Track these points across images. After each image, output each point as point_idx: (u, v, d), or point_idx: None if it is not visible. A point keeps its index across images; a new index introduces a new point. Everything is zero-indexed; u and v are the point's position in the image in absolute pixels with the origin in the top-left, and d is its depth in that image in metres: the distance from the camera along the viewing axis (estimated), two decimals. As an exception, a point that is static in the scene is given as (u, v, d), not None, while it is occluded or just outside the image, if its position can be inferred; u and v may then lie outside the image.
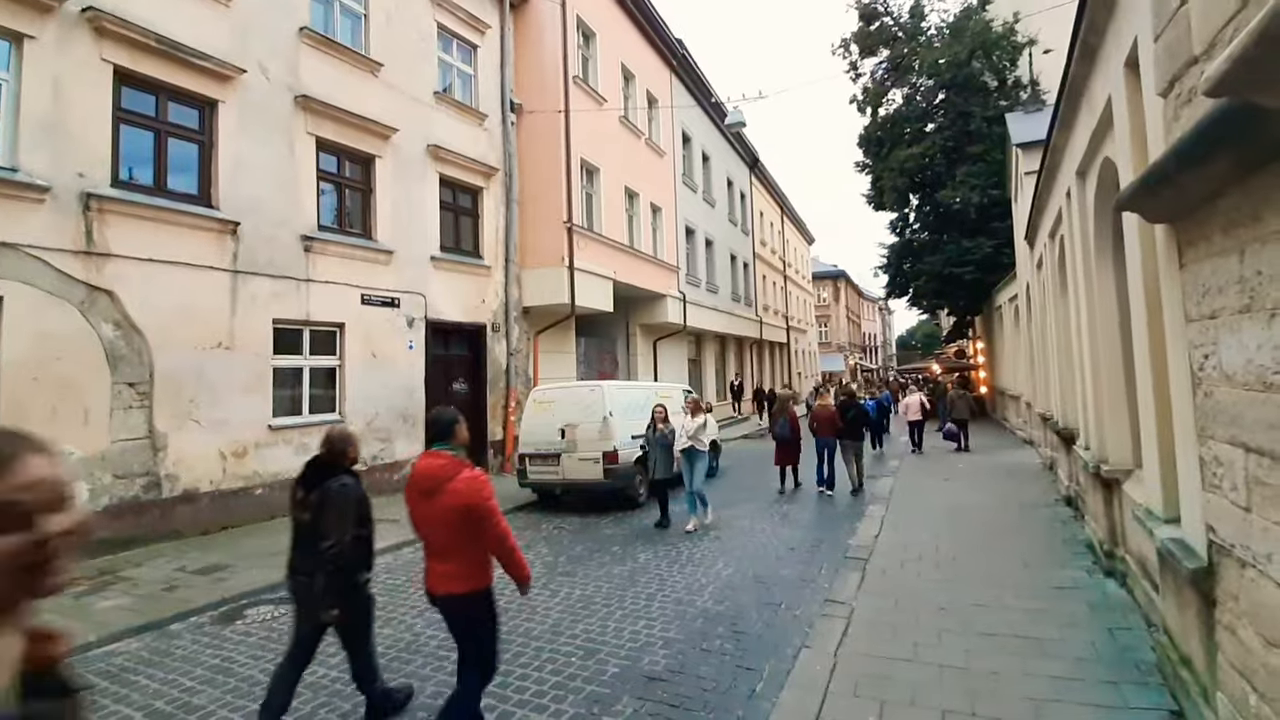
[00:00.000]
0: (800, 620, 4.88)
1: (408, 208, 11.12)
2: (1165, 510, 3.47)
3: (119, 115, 7.45)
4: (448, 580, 3.03)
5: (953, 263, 20.24)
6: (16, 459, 0.84)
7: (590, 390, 9.48)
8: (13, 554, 0.80)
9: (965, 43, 20.99)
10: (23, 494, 0.82)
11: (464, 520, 2.94)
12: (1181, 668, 3.31)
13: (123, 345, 7.21)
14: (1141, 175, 2.83)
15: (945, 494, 9.40)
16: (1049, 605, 4.86)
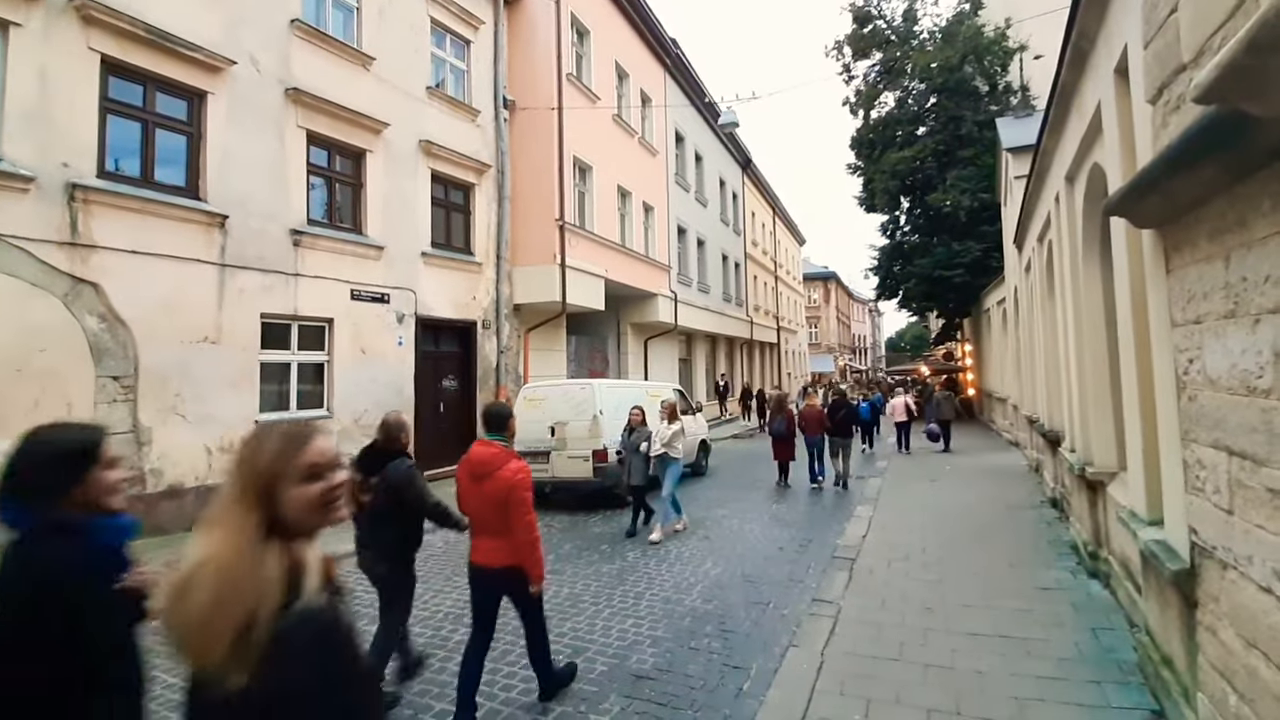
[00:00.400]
0: (788, 619, 4.90)
1: (399, 203, 11.06)
2: (1149, 512, 3.51)
3: (106, 105, 7.35)
4: (491, 553, 3.36)
5: (942, 265, 20.38)
6: (311, 438, 1.29)
7: (581, 388, 9.47)
8: (318, 496, 1.24)
9: (957, 47, 21.13)
10: (318, 458, 1.26)
11: (506, 504, 3.29)
12: (1163, 668, 3.35)
13: (107, 338, 7.12)
14: (1130, 181, 2.86)
15: (933, 495, 9.47)
16: (1034, 605, 4.91)
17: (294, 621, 1.11)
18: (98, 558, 1.53)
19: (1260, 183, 2.05)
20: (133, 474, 7.10)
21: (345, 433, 9.86)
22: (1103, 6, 3.96)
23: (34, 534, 1.51)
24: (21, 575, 1.47)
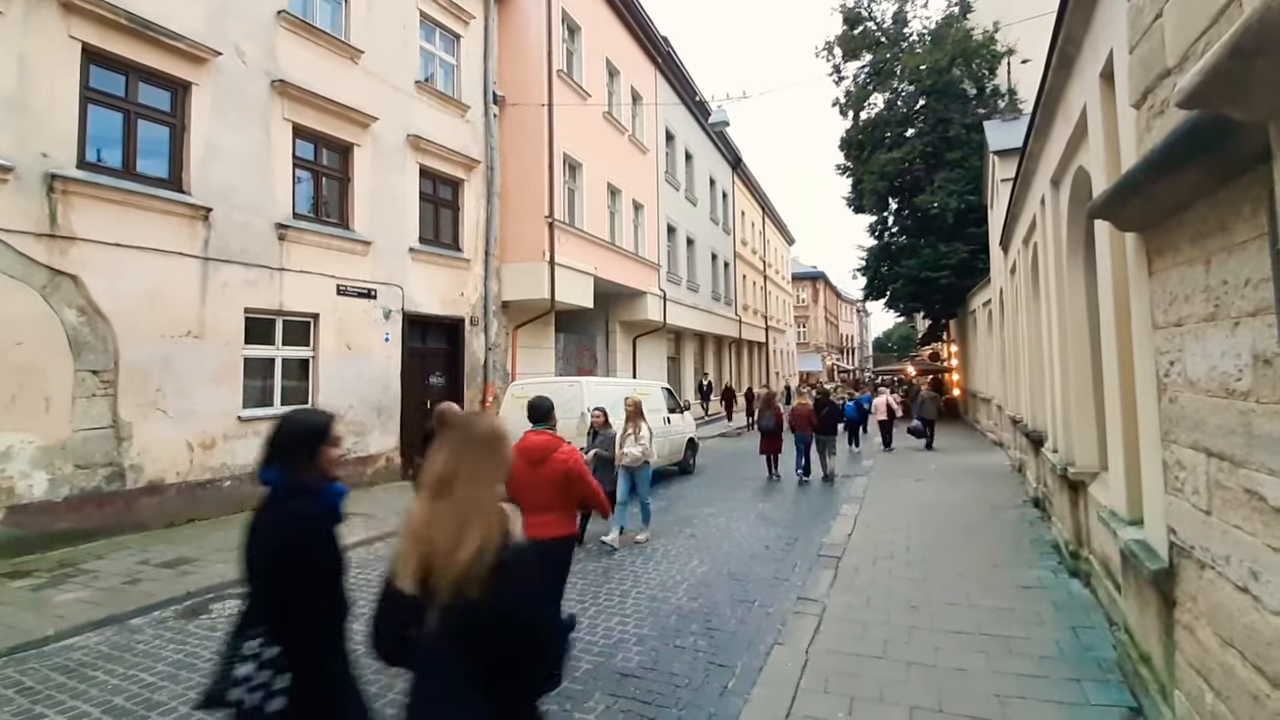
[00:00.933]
0: (773, 618, 4.92)
1: (387, 198, 10.96)
2: (1129, 512, 3.55)
3: (87, 95, 7.22)
4: (543, 527, 3.61)
5: (929, 267, 20.55)
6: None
7: (569, 386, 9.45)
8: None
9: (946, 50, 21.28)
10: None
11: (565, 482, 3.77)
12: (1141, 665, 3.40)
13: (87, 332, 7.00)
14: (1114, 184, 2.89)
15: (917, 494, 9.54)
16: (1016, 604, 4.96)
17: (512, 554, 1.57)
18: (327, 510, 2.01)
19: (1242, 188, 2.07)
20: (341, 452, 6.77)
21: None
22: (1089, 11, 4.00)
23: (284, 492, 1.99)
24: (280, 522, 1.95)
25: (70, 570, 6.05)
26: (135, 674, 4.11)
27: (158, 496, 7.61)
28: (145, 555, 6.55)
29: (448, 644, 1.53)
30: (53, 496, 6.70)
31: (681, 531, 7.71)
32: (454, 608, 1.50)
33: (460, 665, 1.53)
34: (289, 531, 1.93)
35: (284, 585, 1.89)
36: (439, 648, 1.54)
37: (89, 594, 5.43)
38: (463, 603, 1.49)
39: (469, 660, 1.53)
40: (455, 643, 1.53)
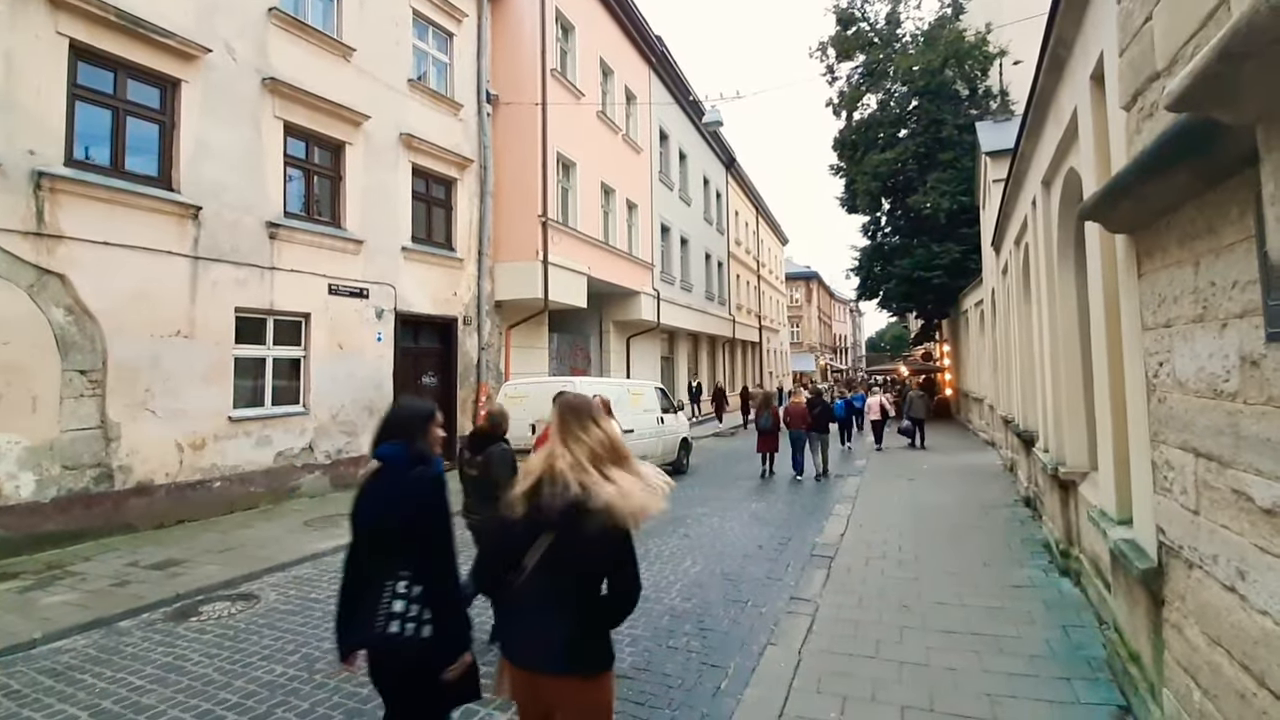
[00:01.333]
0: (766, 618, 4.92)
1: (379, 197, 10.91)
2: (1119, 512, 3.58)
3: (75, 92, 7.15)
4: None
5: (922, 267, 20.63)
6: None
7: (563, 385, 9.42)
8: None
9: (939, 51, 21.37)
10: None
11: None
12: (1130, 664, 3.42)
13: (74, 331, 6.93)
14: (1104, 186, 2.91)
15: (909, 494, 9.58)
16: (1007, 603, 4.98)
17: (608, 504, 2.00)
18: (441, 475, 2.38)
19: (1230, 190, 2.09)
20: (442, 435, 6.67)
21: (322, 429, 9.74)
22: (1080, 14, 4.02)
23: (408, 462, 2.33)
24: (413, 485, 2.30)
25: (58, 572, 5.99)
26: (123, 677, 4.07)
27: (147, 498, 7.55)
28: (134, 557, 6.50)
29: (559, 566, 2.00)
30: (40, 498, 6.63)
31: (675, 532, 7.70)
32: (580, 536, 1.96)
33: (565, 584, 2.01)
34: (424, 492, 2.32)
35: (424, 535, 2.27)
36: (549, 569, 2.01)
37: (76, 596, 5.38)
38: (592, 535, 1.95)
39: (573, 576, 2.02)
40: (567, 565, 2.00)
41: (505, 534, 2.14)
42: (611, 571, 2.04)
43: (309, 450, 9.55)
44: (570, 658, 2.00)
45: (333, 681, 3.95)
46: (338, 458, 9.96)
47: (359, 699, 3.74)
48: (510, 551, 2.09)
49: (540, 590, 2.03)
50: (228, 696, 3.79)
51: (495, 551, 2.29)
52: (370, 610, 2.21)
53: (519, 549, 2.06)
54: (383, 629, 2.17)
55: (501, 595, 2.20)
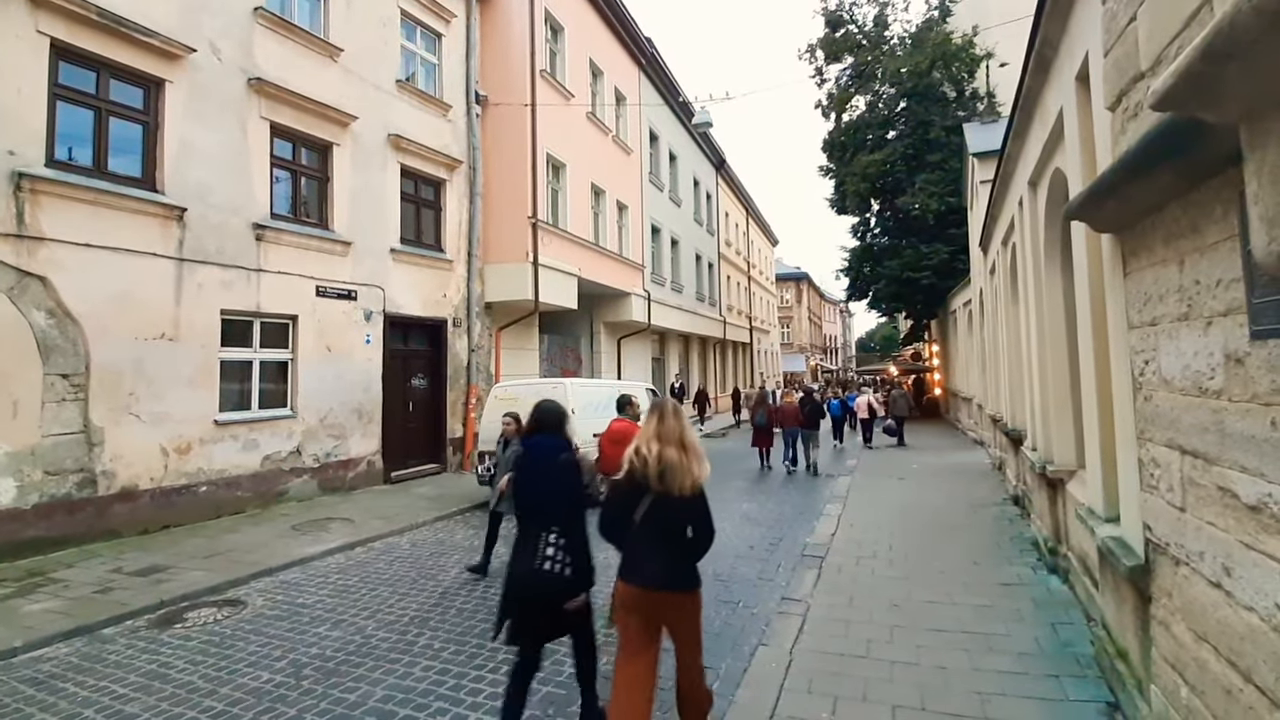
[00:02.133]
0: (758, 618, 4.92)
1: (367, 198, 10.84)
2: (1106, 509, 3.60)
3: (56, 91, 7.05)
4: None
5: (910, 267, 20.75)
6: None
7: (553, 387, 9.39)
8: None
9: (926, 53, 21.51)
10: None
11: None
12: (1118, 661, 3.45)
13: (56, 334, 6.83)
14: (1089, 186, 2.93)
15: (899, 493, 9.62)
16: (996, 601, 5.01)
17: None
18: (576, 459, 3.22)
19: (1213, 189, 2.10)
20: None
21: (310, 433, 9.65)
22: (1065, 15, 4.05)
23: (558, 448, 3.24)
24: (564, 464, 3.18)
25: (39, 579, 5.89)
26: (106, 685, 4.01)
27: (131, 503, 7.45)
28: (118, 563, 6.41)
29: (659, 518, 2.90)
30: (21, 504, 6.52)
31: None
32: (671, 498, 2.87)
33: (670, 528, 2.92)
34: (569, 471, 3.18)
35: (570, 500, 3.12)
36: (652, 520, 2.90)
37: (58, 604, 5.29)
38: (676, 496, 2.87)
39: (670, 525, 2.92)
40: (664, 517, 2.90)
41: (621, 497, 3.02)
42: (694, 520, 2.96)
43: (297, 454, 9.46)
44: (672, 580, 2.92)
45: (320, 688, 3.91)
46: (326, 461, 9.88)
47: (346, 705, 3.70)
48: (624, 509, 2.97)
49: (648, 535, 2.93)
50: (213, 705, 3.74)
51: (614, 509, 3.04)
52: (530, 553, 3.02)
53: (631, 507, 2.95)
54: (539, 566, 2.98)
55: (621, 540, 3.03)
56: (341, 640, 4.63)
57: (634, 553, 2.98)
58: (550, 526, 3.04)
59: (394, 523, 8.14)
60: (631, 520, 2.93)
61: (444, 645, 4.49)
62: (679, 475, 2.88)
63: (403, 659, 4.29)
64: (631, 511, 2.94)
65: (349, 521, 8.23)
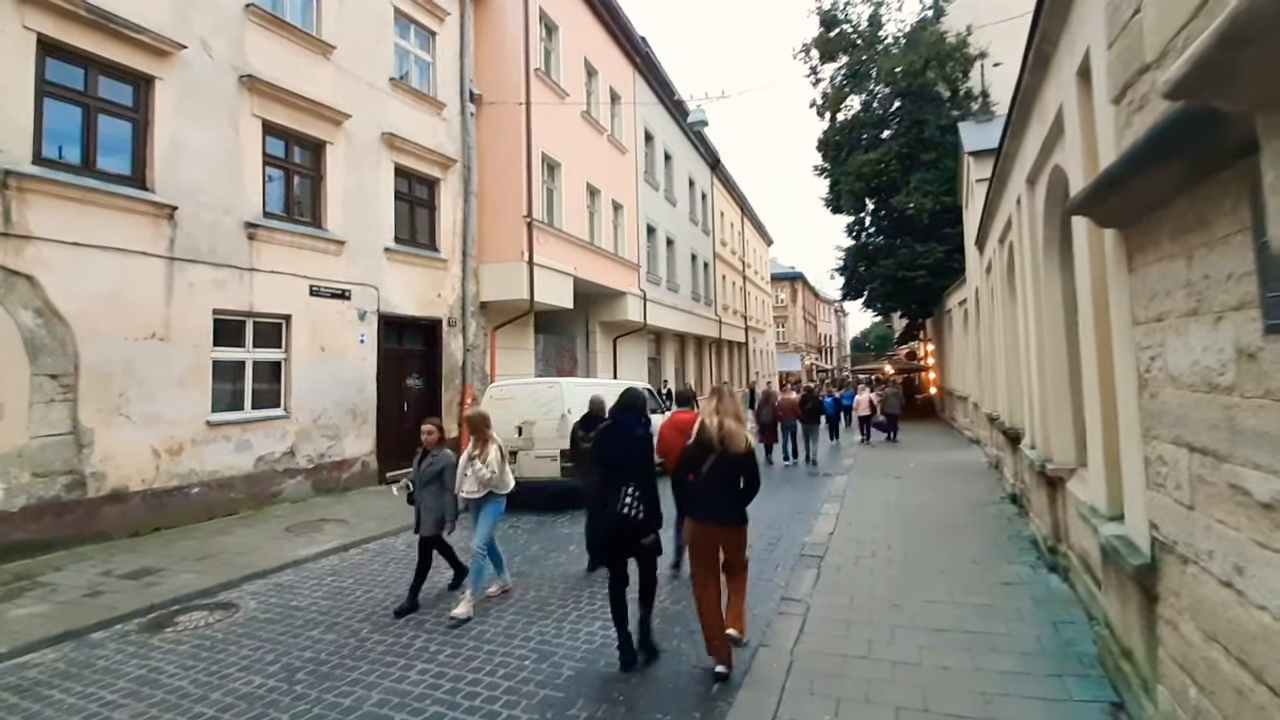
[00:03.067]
0: (757, 619, 4.86)
1: (361, 197, 10.75)
2: (1109, 508, 3.57)
3: (43, 88, 6.95)
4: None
5: (906, 266, 20.76)
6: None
7: (549, 387, 9.32)
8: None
9: (921, 53, 21.52)
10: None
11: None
12: (1123, 660, 3.41)
13: (44, 334, 6.73)
14: (1093, 181, 2.89)
15: (896, 492, 9.60)
16: (996, 600, 4.98)
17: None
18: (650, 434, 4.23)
19: (1223, 183, 2.07)
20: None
21: (304, 433, 9.56)
22: (1065, 9, 4.02)
23: (638, 424, 4.23)
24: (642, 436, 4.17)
25: (26, 583, 5.80)
26: (94, 691, 3.93)
27: (121, 505, 7.35)
28: (107, 566, 6.31)
29: (720, 471, 3.88)
30: (8, 507, 6.43)
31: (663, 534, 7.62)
32: (729, 456, 3.85)
33: (729, 480, 3.88)
34: (644, 442, 4.21)
35: (642, 464, 4.09)
36: (715, 473, 3.89)
37: (46, 608, 5.20)
38: (734, 455, 3.86)
39: (729, 476, 3.88)
40: (727, 471, 3.88)
41: (691, 455, 4.09)
42: (746, 473, 4.01)
43: (290, 455, 9.37)
44: (728, 518, 4.02)
45: (314, 692, 3.84)
46: (320, 462, 9.79)
47: (341, 710, 3.63)
48: (693, 464, 4.04)
49: (711, 484, 3.99)
50: (204, 710, 3.67)
51: (686, 464, 4.13)
52: (615, 503, 3.96)
53: (699, 463, 4.01)
54: (624, 512, 3.95)
55: (688, 488, 4.14)
56: (336, 643, 4.56)
57: (700, 499, 4.04)
58: (629, 482, 3.98)
59: (388, 524, 8.06)
60: (699, 473, 3.99)
61: (440, 647, 4.43)
62: (736, 439, 3.95)
63: (398, 662, 4.23)
64: (700, 466, 4.00)
65: (343, 523, 8.15)
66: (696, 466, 4.01)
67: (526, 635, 4.59)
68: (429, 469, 5.33)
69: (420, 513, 5.35)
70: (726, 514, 4.00)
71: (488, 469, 5.28)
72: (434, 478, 5.31)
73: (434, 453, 5.41)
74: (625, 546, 4.13)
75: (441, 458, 5.38)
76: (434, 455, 5.40)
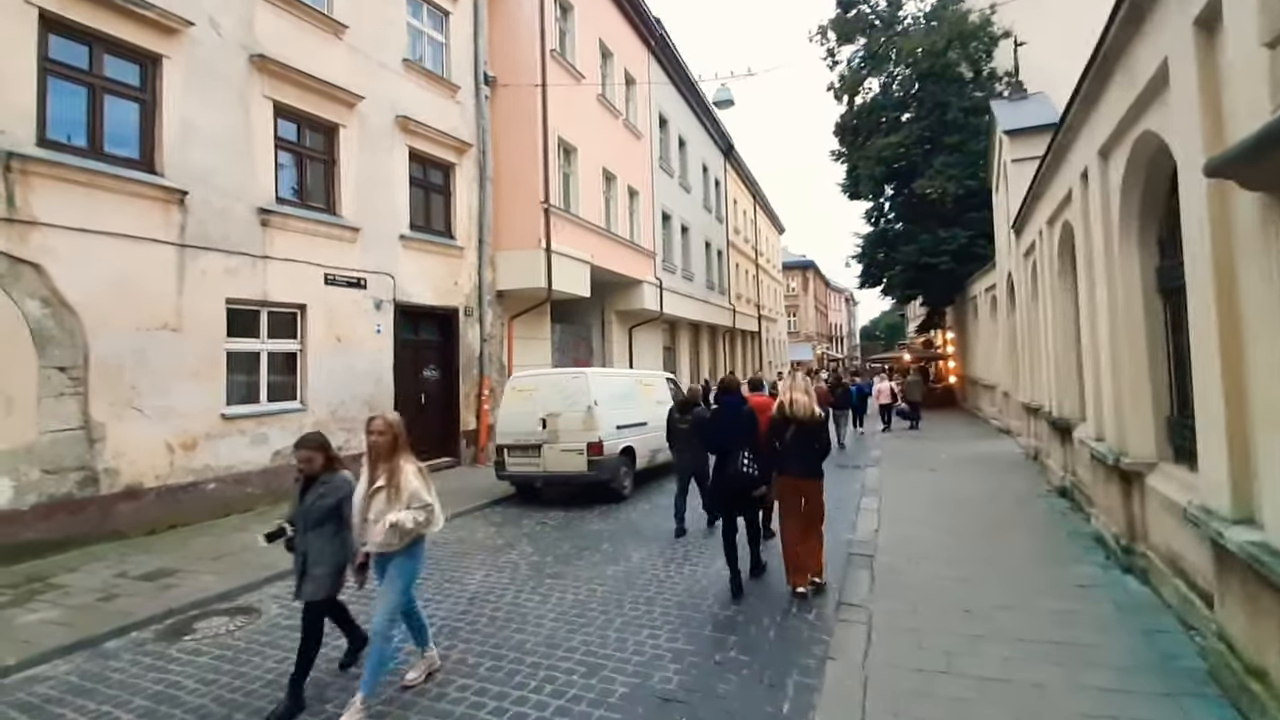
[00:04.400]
0: (815, 626, 4.52)
1: (375, 182, 10.39)
2: (1234, 509, 3.18)
3: (46, 67, 6.61)
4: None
5: (928, 253, 20.22)
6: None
7: (573, 378, 8.97)
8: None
9: (942, 32, 20.86)
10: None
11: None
12: (1252, 680, 3.04)
13: (52, 325, 6.42)
14: (1250, 138, 2.48)
15: (934, 485, 9.21)
16: (1074, 605, 4.61)
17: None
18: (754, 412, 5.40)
19: None
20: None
21: (321, 425, 9.22)
22: (1174, -46, 3.59)
23: (740, 403, 5.54)
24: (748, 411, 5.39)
25: (38, 586, 5.52)
26: (108, 710, 3.62)
27: (135, 502, 7.07)
28: (122, 566, 6.03)
29: (799, 438, 5.08)
30: (18, 505, 6.15)
31: (697, 530, 7.29)
32: (808, 426, 5.08)
33: (807, 443, 5.09)
34: (750, 418, 5.24)
35: (750, 434, 5.13)
36: (795, 439, 5.08)
37: (58, 614, 4.91)
38: (811, 424, 5.09)
39: (806, 441, 5.09)
40: (804, 436, 5.09)
41: (777, 426, 5.14)
42: (819, 437, 5.18)
43: (307, 449, 9.05)
44: (808, 472, 5.12)
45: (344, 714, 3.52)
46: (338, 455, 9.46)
47: None
48: (779, 434, 5.12)
49: (795, 447, 5.08)
50: (229, 732, 3.35)
51: (774, 432, 5.15)
52: (734, 465, 5.04)
53: (783, 432, 5.09)
54: (740, 470, 5.02)
55: (776, 452, 5.15)
56: (364, 653, 4.23)
57: (787, 458, 5.15)
58: (743, 449, 5.10)
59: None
60: (784, 440, 5.13)
61: (479, 660, 4.10)
62: (810, 411, 5.13)
63: (434, 677, 3.90)
64: (784, 435, 5.13)
65: (363, 520, 7.84)
66: (781, 435, 5.14)
67: (571, 645, 4.25)
68: (319, 504, 3.66)
69: (306, 567, 3.63)
70: (806, 469, 5.13)
71: (410, 513, 3.52)
72: (327, 515, 3.65)
73: (324, 480, 3.74)
74: (738, 500, 5.20)
75: (335, 484, 3.74)
76: (324, 483, 3.73)
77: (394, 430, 3.78)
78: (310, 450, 3.80)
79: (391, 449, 3.73)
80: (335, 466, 3.86)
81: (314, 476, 3.77)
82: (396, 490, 3.60)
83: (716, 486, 5.32)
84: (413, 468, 3.72)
